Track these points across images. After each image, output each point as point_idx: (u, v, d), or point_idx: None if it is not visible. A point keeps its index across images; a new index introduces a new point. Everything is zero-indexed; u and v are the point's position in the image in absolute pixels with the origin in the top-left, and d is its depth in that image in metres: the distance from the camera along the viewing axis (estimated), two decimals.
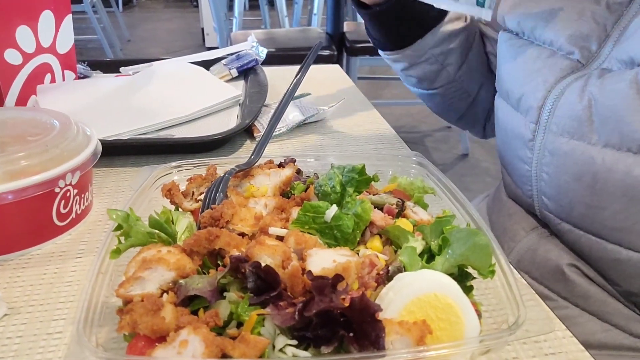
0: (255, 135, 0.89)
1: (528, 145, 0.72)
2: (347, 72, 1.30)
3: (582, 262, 0.69)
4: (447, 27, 0.91)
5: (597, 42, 0.66)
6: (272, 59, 1.21)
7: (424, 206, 0.56)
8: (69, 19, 0.93)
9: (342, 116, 0.99)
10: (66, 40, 0.94)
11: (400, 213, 0.53)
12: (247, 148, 0.86)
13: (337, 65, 1.39)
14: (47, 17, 0.88)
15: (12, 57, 0.83)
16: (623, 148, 0.60)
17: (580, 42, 0.68)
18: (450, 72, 0.96)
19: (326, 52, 2.58)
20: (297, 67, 0.73)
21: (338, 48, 2.73)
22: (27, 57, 0.86)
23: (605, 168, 0.61)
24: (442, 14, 0.91)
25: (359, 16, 3.84)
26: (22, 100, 0.87)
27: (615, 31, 0.65)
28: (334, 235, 0.48)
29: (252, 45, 1.20)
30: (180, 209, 0.56)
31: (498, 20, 0.84)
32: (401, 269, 0.43)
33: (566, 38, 0.69)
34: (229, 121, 0.91)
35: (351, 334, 0.37)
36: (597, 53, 0.66)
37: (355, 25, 3.05)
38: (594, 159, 0.63)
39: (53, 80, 0.94)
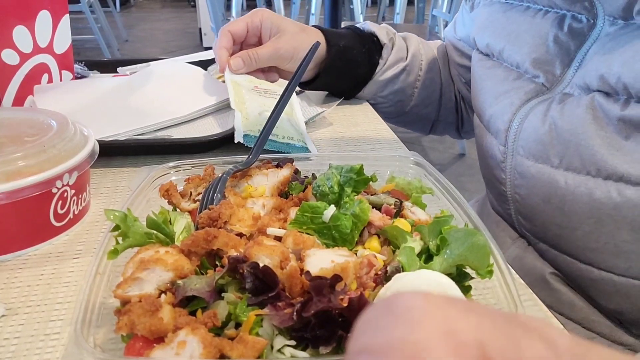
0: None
1: (501, 166, 0.73)
2: None
3: None
4: (386, 74, 0.98)
5: (561, 66, 0.67)
6: None
7: (422, 206, 0.56)
8: (66, 19, 0.93)
9: (339, 116, 0.99)
10: (63, 40, 0.94)
11: (398, 213, 0.53)
12: (244, 148, 0.86)
13: None
14: (44, 17, 0.88)
15: (9, 57, 0.83)
16: (583, 171, 0.61)
17: (544, 66, 0.68)
18: (402, 107, 1.03)
19: None
20: None
21: None
22: (24, 57, 0.86)
23: (569, 191, 0.62)
24: (372, 69, 0.97)
25: (356, 17, 3.83)
26: (19, 101, 0.87)
27: (578, 56, 0.65)
28: (332, 236, 0.48)
29: None
30: (178, 209, 0.56)
31: (470, 40, 0.86)
32: (399, 269, 0.43)
33: (531, 62, 0.70)
34: (227, 122, 0.91)
35: (349, 334, 0.37)
36: (561, 77, 0.67)
37: None
38: (558, 182, 0.63)
39: (50, 81, 0.94)
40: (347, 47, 0.94)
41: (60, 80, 0.96)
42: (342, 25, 3.16)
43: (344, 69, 0.95)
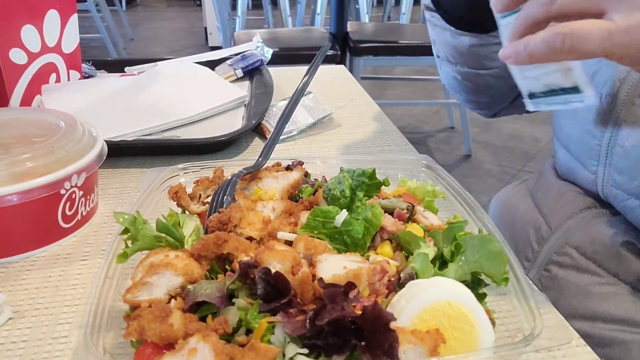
0: (267, 136, 0.88)
1: (601, 119, 0.69)
2: (350, 72, 1.30)
3: None
4: None
5: None
6: (275, 59, 1.21)
7: (434, 210, 0.55)
8: (74, 19, 0.93)
9: (347, 117, 0.99)
10: (71, 40, 0.93)
11: (410, 218, 0.52)
12: (252, 149, 0.85)
13: (342, 66, 1.38)
14: (52, 17, 0.87)
15: (17, 56, 0.82)
16: None
17: None
18: None
19: (330, 52, 2.57)
20: (301, 67, 0.72)
21: (341, 48, 2.72)
22: (32, 57, 0.85)
23: None
24: None
25: (362, 16, 3.77)
26: (26, 100, 0.86)
27: None
28: (343, 241, 0.47)
29: (258, 46, 1.19)
30: (186, 212, 0.56)
31: None
32: (413, 276, 0.42)
33: None
34: (235, 122, 0.90)
35: (363, 343, 0.36)
36: None
37: (358, 26, 3.04)
38: None
39: (58, 80, 0.93)
40: None
41: (68, 79, 0.95)
42: (348, 25, 3.12)
43: None
